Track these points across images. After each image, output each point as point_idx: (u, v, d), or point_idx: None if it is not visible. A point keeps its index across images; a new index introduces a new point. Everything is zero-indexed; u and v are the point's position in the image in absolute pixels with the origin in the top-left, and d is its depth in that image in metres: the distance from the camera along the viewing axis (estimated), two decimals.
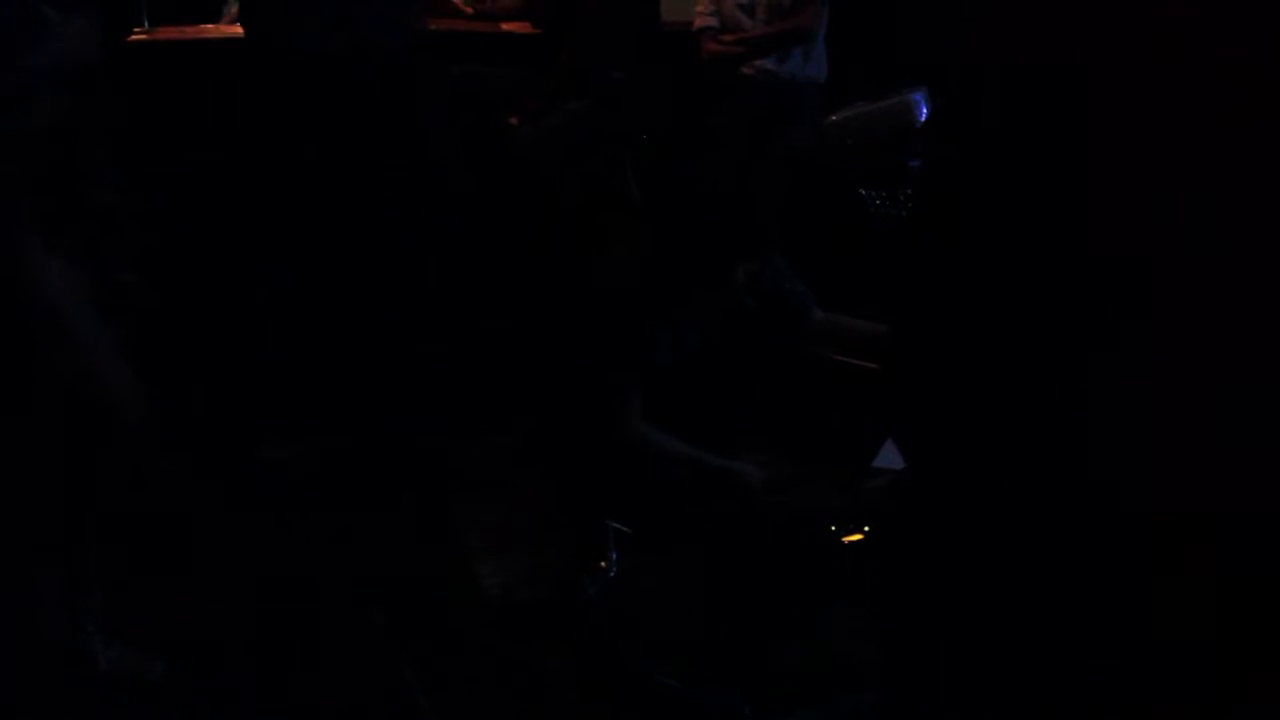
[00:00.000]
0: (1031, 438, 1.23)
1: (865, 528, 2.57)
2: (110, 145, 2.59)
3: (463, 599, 2.93)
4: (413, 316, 4.01)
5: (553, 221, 4.83)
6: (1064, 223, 1.13)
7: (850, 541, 2.60)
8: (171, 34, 4.77)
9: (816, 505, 2.70)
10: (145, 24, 4.72)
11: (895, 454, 2.53)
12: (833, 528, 2.63)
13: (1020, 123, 1.17)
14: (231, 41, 4.37)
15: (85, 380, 2.40)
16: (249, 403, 3.84)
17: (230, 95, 4.10)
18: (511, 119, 4.86)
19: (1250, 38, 1.01)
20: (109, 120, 2.64)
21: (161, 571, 3.00)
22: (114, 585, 2.65)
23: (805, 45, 4.59)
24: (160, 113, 4.21)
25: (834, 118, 4.28)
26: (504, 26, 5.42)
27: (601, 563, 2.65)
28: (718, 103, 4.74)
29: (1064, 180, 1.10)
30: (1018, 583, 1.28)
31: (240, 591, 2.97)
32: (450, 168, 4.16)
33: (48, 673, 2.54)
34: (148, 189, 3.49)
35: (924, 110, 4.06)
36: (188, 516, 3.33)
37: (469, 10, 5.49)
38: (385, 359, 3.92)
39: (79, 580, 2.57)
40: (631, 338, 2.86)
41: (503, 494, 3.43)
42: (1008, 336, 1.19)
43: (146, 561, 2.99)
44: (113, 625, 2.61)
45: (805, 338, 3.10)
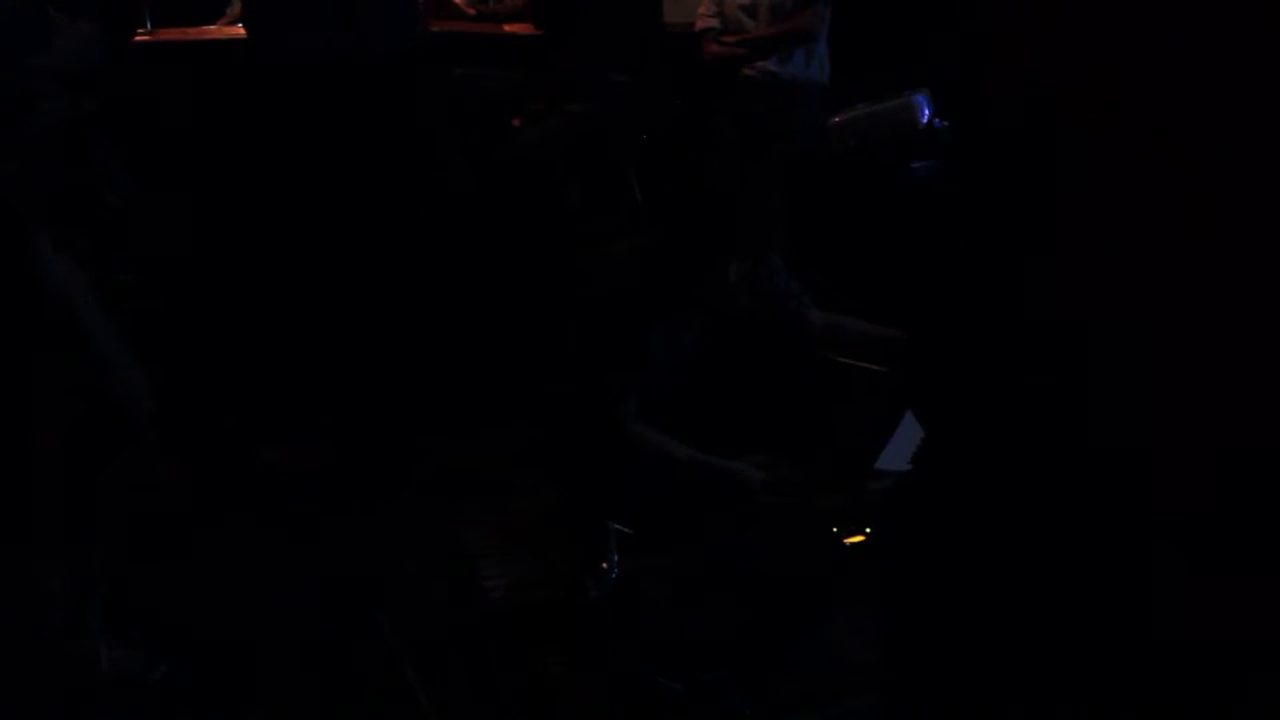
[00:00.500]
0: (1037, 440, 1.23)
1: (867, 529, 2.57)
2: (115, 146, 2.59)
3: (465, 600, 2.93)
4: (414, 317, 4.02)
5: (553, 222, 4.83)
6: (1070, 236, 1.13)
7: (852, 543, 2.60)
8: (174, 35, 4.77)
9: (818, 506, 2.70)
10: (148, 25, 4.73)
11: (897, 455, 2.53)
12: (834, 529, 2.63)
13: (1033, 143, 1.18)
14: (234, 43, 4.37)
15: (96, 376, 2.40)
16: (252, 404, 3.85)
17: (232, 96, 4.10)
18: (513, 121, 4.86)
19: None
20: (113, 121, 2.65)
21: (164, 572, 3.00)
22: (116, 586, 2.65)
23: (807, 47, 4.59)
24: (163, 113, 4.22)
25: (836, 119, 4.28)
26: (506, 28, 5.41)
27: (603, 564, 2.65)
28: (719, 104, 4.74)
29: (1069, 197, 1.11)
30: (1020, 584, 1.29)
31: (242, 592, 2.97)
32: (451, 169, 4.16)
33: (50, 673, 2.54)
34: (151, 190, 3.49)
35: (926, 111, 4.07)
36: (191, 517, 3.34)
37: (471, 11, 5.49)
38: (386, 360, 3.92)
39: (82, 581, 2.57)
40: (628, 338, 2.86)
41: (505, 495, 3.43)
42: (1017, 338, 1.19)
43: (149, 562, 2.99)
44: (115, 626, 2.61)
45: (804, 339, 3.10)
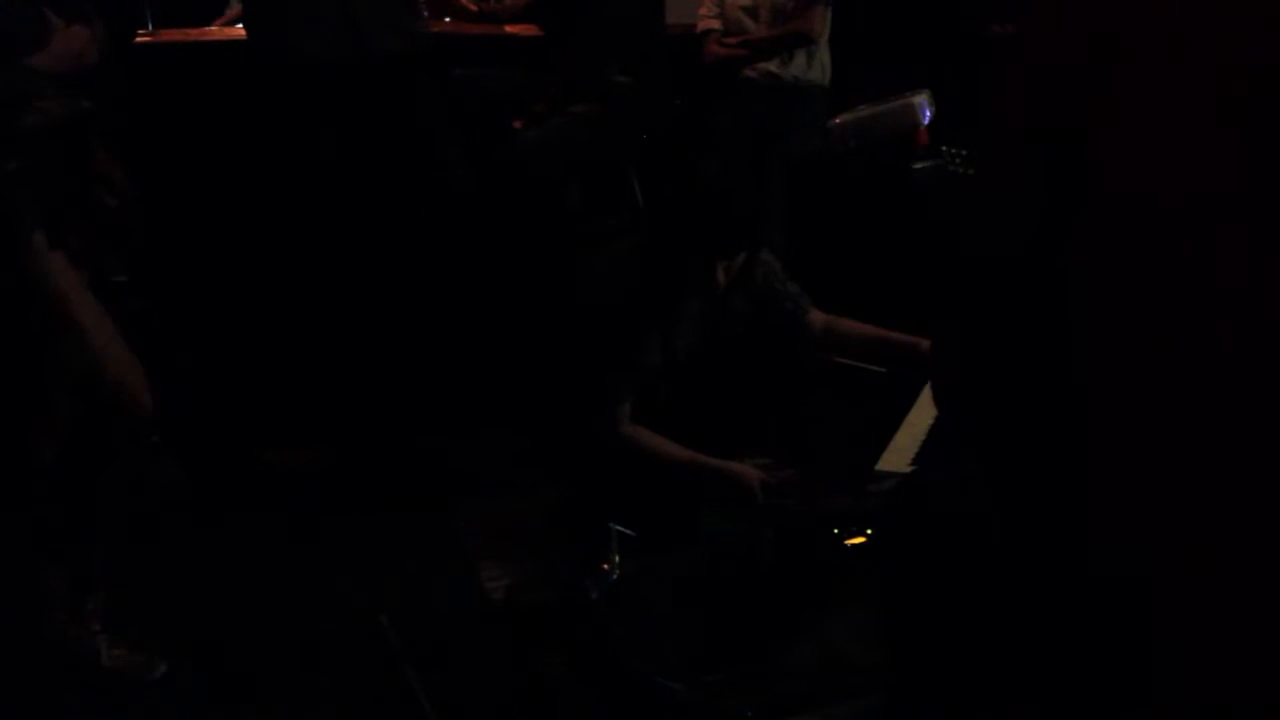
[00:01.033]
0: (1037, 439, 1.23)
1: (868, 531, 2.57)
2: (114, 147, 2.59)
3: (465, 601, 2.93)
4: (414, 318, 4.02)
5: (553, 223, 4.83)
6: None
7: (853, 544, 2.60)
8: (175, 36, 4.78)
9: (819, 508, 2.70)
10: (149, 26, 4.73)
11: (898, 456, 2.53)
12: (835, 530, 2.63)
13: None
14: (235, 44, 4.37)
15: (95, 375, 2.40)
16: (251, 404, 3.85)
17: (233, 97, 4.10)
18: (514, 121, 4.86)
19: None
20: (113, 122, 2.65)
21: (164, 572, 3.00)
22: (116, 586, 2.65)
23: (808, 48, 4.59)
24: (164, 114, 4.22)
25: (837, 120, 4.28)
26: (508, 29, 5.42)
27: (604, 565, 2.64)
28: (720, 105, 4.74)
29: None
30: (1021, 585, 1.28)
31: (243, 592, 2.97)
32: (452, 170, 4.16)
33: (50, 672, 2.54)
34: (151, 190, 3.49)
35: (927, 113, 4.07)
36: (191, 517, 3.34)
37: (474, 9, 5.48)
38: (386, 360, 3.92)
39: (82, 580, 2.57)
40: (621, 340, 2.85)
41: (505, 496, 3.43)
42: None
43: (149, 561, 2.99)
44: (115, 625, 2.61)
45: (803, 340, 3.10)
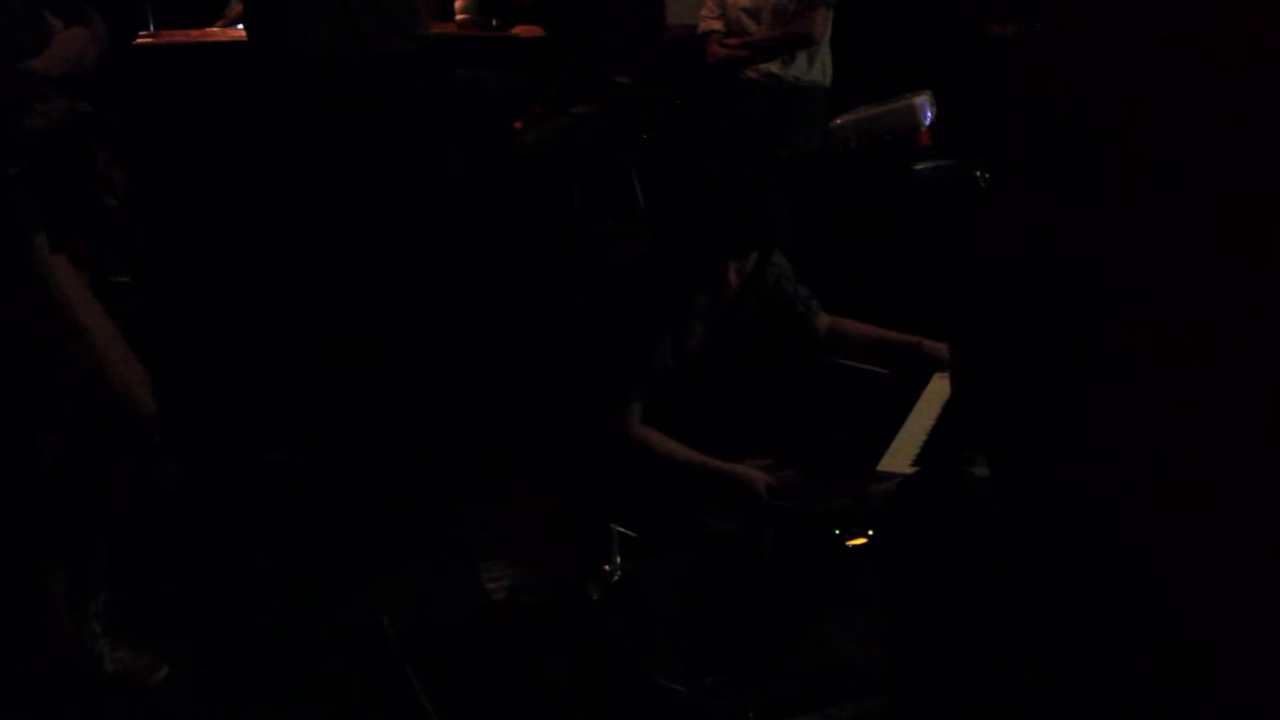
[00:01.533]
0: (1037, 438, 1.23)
1: (869, 531, 2.57)
2: (115, 148, 2.59)
3: (466, 602, 2.93)
4: (416, 320, 4.01)
5: (555, 225, 4.83)
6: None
7: (854, 545, 2.60)
8: (176, 37, 4.78)
9: (820, 509, 2.70)
10: (150, 27, 4.74)
11: (899, 457, 2.53)
12: (836, 531, 2.62)
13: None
14: (235, 45, 4.37)
15: (97, 378, 2.40)
16: (253, 406, 3.85)
17: (234, 98, 4.10)
18: (515, 123, 4.86)
19: None
20: (114, 123, 2.64)
21: (166, 574, 3.00)
22: (119, 588, 2.65)
23: (809, 50, 4.59)
24: (165, 115, 4.22)
25: (838, 121, 4.29)
26: (509, 30, 5.43)
27: (605, 566, 2.64)
28: (721, 106, 4.74)
29: None
30: (1021, 586, 1.28)
31: (244, 594, 2.97)
32: (453, 172, 4.16)
33: (52, 675, 2.54)
34: (151, 191, 3.49)
35: (928, 113, 4.07)
36: (192, 519, 3.34)
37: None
38: (389, 362, 3.92)
39: (84, 582, 2.56)
40: (631, 341, 2.85)
41: (507, 497, 3.42)
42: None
43: (151, 564, 2.99)
44: (117, 628, 2.61)
45: (810, 342, 3.10)
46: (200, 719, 2.56)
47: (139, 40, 4.58)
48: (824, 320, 3.09)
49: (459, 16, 5.46)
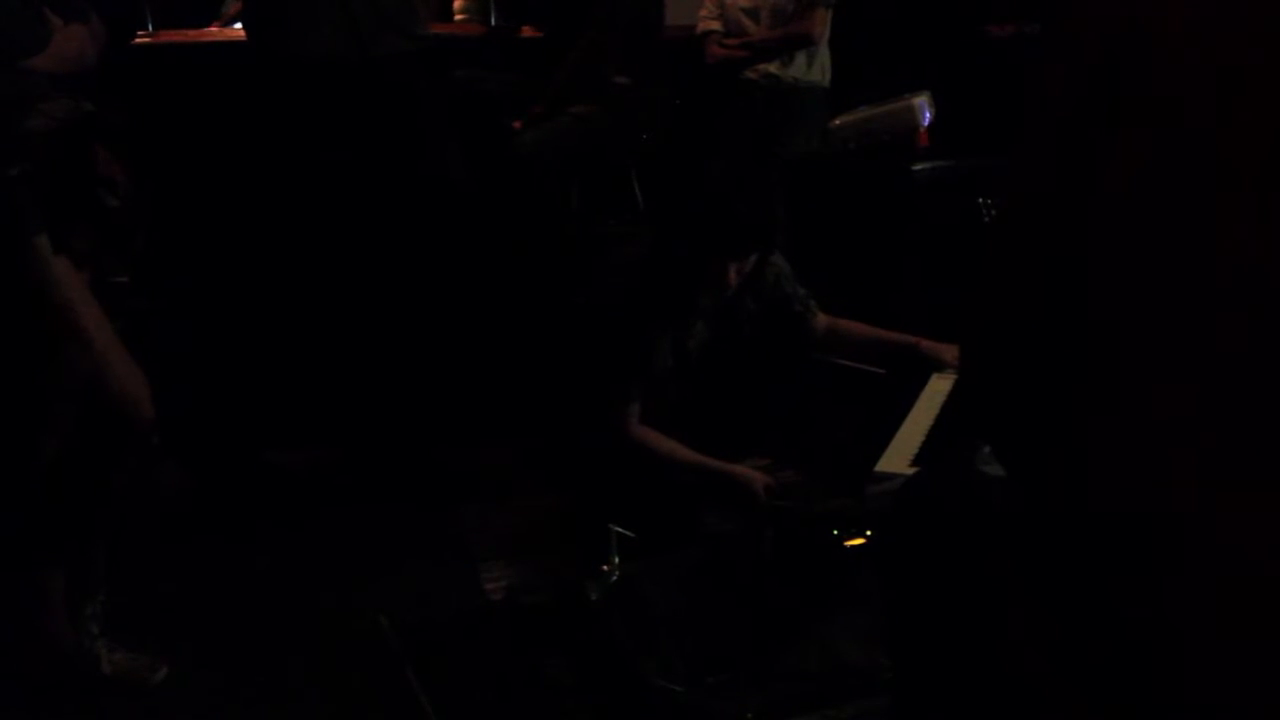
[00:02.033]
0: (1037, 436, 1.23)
1: (868, 532, 2.57)
2: (115, 147, 2.59)
3: (465, 602, 2.93)
4: (416, 321, 4.01)
5: (554, 225, 4.83)
6: None
7: (853, 546, 2.60)
8: (175, 37, 4.78)
9: (818, 509, 2.70)
10: (149, 27, 4.73)
11: (898, 457, 2.53)
12: (835, 532, 2.63)
13: None
14: (235, 45, 4.37)
15: (97, 378, 2.40)
16: (253, 407, 3.84)
17: (233, 98, 4.10)
18: (514, 123, 4.86)
19: None
20: (114, 122, 2.65)
21: (164, 575, 3.00)
22: (117, 589, 2.65)
23: (809, 50, 4.60)
24: (164, 115, 4.21)
25: (837, 121, 4.29)
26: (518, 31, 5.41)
27: (604, 566, 2.64)
28: (720, 106, 4.74)
29: None
30: (1022, 586, 1.28)
31: (243, 595, 2.97)
32: (452, 172, 4.16)
33: (50, 677, 2.54)
34: (152, 191, 3.49)
35: (927, 114, 4.07)
36: (191, 520, 3.34)
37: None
38: (388, 363, 3.92)
39: (82, 584, 2.56)
40: (632, 342, 2.86)
41: (506, 498, 3.42)
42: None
43: (150, 565, 2.99)
44: (115, 629, 2.61)
45: (808, 342, 3.10)
46: (199, 719, 2.56)
47: (137, 40, 4.58)
48: (822, 320, 3.09)
49: (458, 16, 5.46)
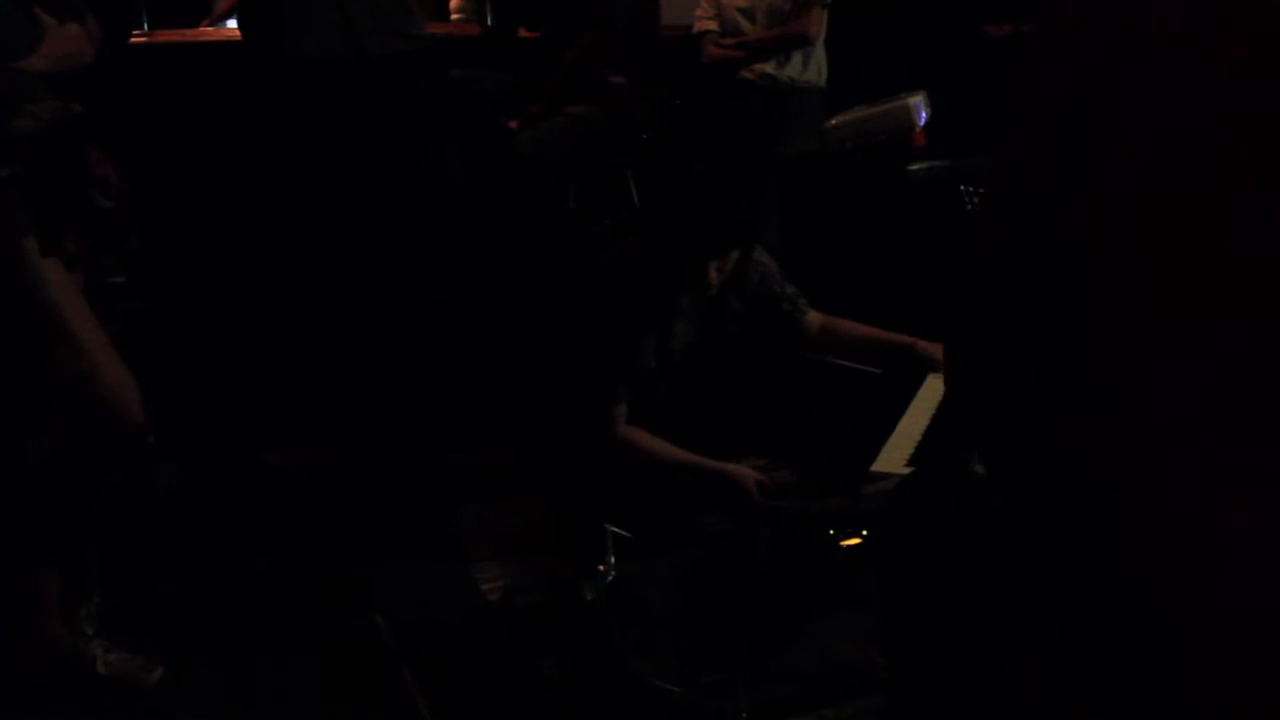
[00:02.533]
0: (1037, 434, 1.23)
1: (864, 532, 2.57)
2: (109, 148, 2.59)
3: (462, 602, 2.93)
4: (412, 321, 4.01)
5: (551, 225, 4.83)
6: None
7: (848, 546, 2.60)
8: (170, 36, 4.77)
9: (814, 509, 2.70)
10: (144, 26, 4.73)
11: (893, 457, 2.53)
12: (831, 532, 2.63)
13: None
14: (230, 45, 4.37)
15: (87, 381, 2.39)
16: (250, 407, 3.84)
17: (229, 98, 4.09)
18: (510, 123, 4.86)
19: None
20: (107, 123, 2.64)
21: (160, 575, 3.00)
22: (112, 589, 2.64)
23: (805, 50, 4.60)
24: (159, 115, 4.21)
25: (833, 121, 4.29)
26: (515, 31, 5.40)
27: (600, 566, 2.64)
28: (717, 106, 4.74)
29: None
30: (1022, 586, 1.28)
31: (240, 595, 2.97)
32: (449, 172, 4.15)
33: (45, 678, 2.53)
34: (146, 192, 3.48)
35: (923, 113, 4.08)
36: (188, 520, 3.33)
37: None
38: (384, 363, 3.91)
39: (77, 584, 2.56)
40: (616, 342, 2.84)
41: (503, 498, 3.42)
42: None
43: (145, 565, 2.99)
44: (110, 630, 2.60)
45: (801, 341, 3.09)
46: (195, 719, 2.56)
47: (133, 40, 4.57)
48: (815, 319, 3.07)
49: (454, 16, 5.46)
